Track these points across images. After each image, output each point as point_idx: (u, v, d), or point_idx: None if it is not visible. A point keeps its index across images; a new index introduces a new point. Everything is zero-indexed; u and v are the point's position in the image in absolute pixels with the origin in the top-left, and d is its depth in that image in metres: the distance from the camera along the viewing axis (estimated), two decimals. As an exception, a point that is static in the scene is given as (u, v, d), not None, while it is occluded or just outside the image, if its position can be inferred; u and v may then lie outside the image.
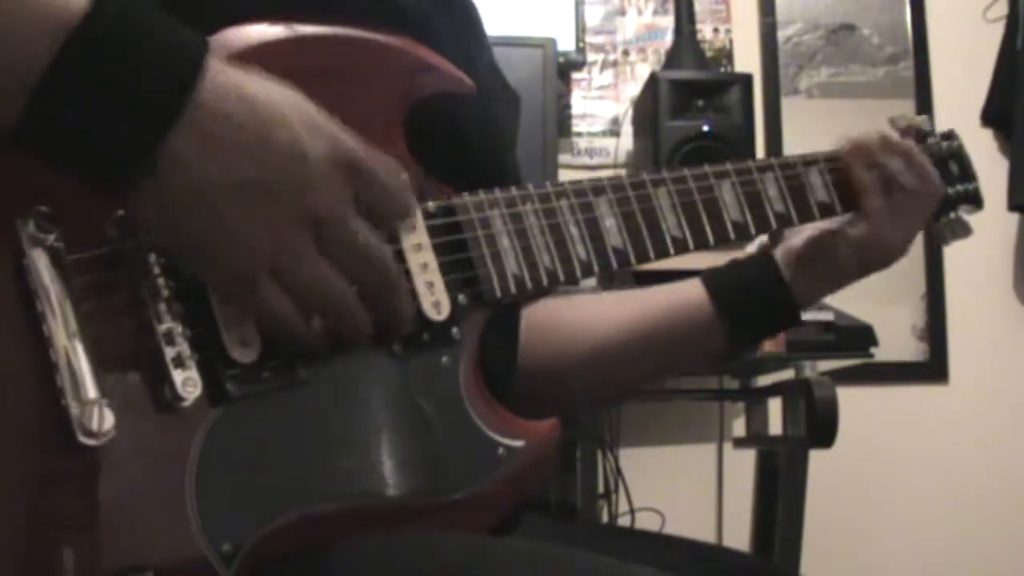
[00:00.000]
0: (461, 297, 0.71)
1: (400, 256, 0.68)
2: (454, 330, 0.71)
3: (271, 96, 0.59)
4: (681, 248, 0.82)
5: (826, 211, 0.91)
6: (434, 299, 0.70)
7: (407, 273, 0.68)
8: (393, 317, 0.66)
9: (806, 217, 0.90)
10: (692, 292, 0.94)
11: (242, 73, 0.59)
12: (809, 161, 0.91)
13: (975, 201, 1.01)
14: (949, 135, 1.01)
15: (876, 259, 0.94)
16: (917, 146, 0.98)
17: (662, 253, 0.81)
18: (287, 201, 0.58)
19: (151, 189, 0.56)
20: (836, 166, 0.92)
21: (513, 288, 0.73)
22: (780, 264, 0.94)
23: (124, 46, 0.55)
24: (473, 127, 0.83)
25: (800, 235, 0.95)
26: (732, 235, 0.85)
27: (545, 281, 0.75)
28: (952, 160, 1.00)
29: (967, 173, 1.00)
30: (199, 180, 0.56)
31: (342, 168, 0.60)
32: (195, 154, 0.56)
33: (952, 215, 1.00)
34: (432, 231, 0.71)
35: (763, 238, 0.96)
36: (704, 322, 0.94)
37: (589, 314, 0.96)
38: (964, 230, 1.00)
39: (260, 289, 0.59)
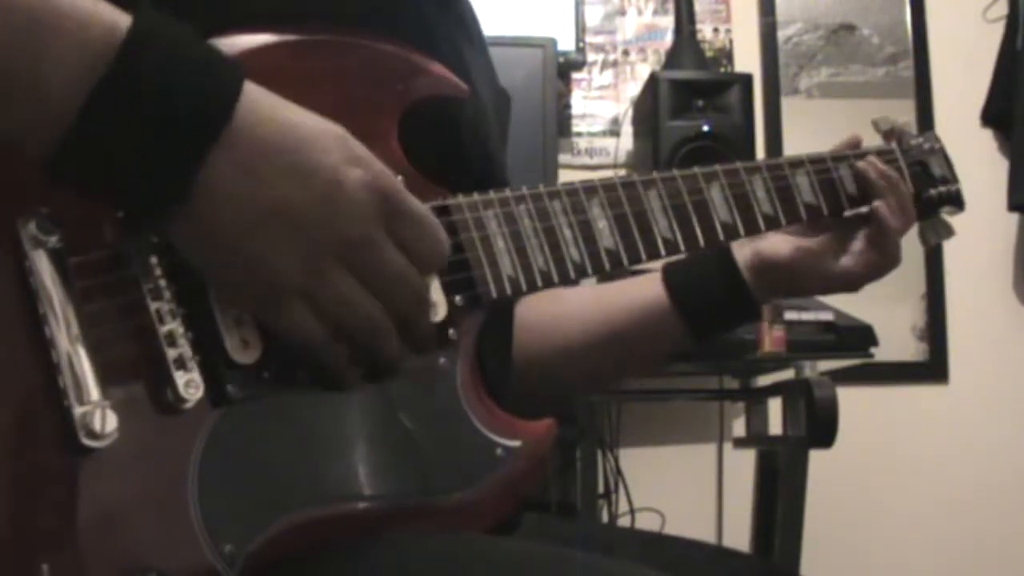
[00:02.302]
0: (458, 298, 0.72)
1: None
2: (451, 331, 0.71)
3: (309, 123, 0.59)
4: (672, 249, 0.83)
5: (813, 212, 0.92)
6: (431, 300, 0.70)
7: None
8: (419, 338, 0.66)
9: (794, 218, 0.91)
10: (652, 292, 0.96)
11: (281, 100, 0.59)
12: (795, 163, 0.92)
13: (957, 203, 1.01)
14: (930, 137, 1.02)
15: (841, 286, 0.96)
16: (898, 148, 0.99)
17: (653, 255, 0.82)
18: (319, 226, 0.58)
19: (185, 213, 0.57)
20: (822, 167, 0.93)
21: (509, 289, 0.74)
22: (740, 263, 0.95)
23: (161, 76, 0.55)
24: (467, 129, 0.83)
25: (775, 243, 0.95)
26: (721, 236, 0.86)
27: (540, 282, 0.75)
28: (934, 162, 1.00)
29: (949, 175, 1.01)
30: (232, 204, 0.57)
31: (377, 198, 0.60)
32: (230, 178, 0.56)
33: (935, 216, 1.01)
34: None
35: None
36: (665, 322, 0.95)
37: (554, 314, 0.97)
38: (947, 231, 1.01)
39: (290, 312, 0.59)
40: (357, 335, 0.62)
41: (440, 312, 0.71)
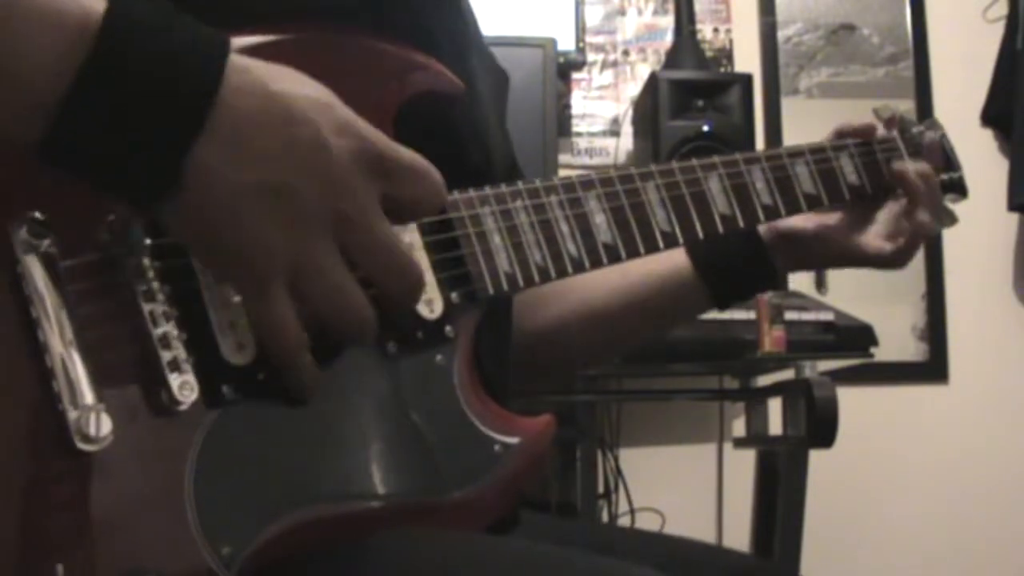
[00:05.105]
0: (454, 295, 0.72)
1: None
2: (447, 328, 0.71)
3: (297, 94, 0.58)
4: (671, 242, 0.83)
5: (813, 202, 0.92)
6: (427, 297, 0.70)
7: None
8: (403, 314, 0.65)
9: (793, 208, 0.91)
10: (677, 261, 0.97)
11: (267, 69, 0.58)
12: (795, 153, 0.92)
13: (960, 190, 1.01)
14: (932, 124, 1.02)
15: (856, 261, 0.97)
16: (900, 136, 0.99)
17: (652, 248, 0.82)
18: (311, 201, 0.57)
19: (177, 198, 0.56)
20: (823, 157, 0.93)
21: (505, 285, 0.74)
22: (764, 233, 0.97)
23: (144, 57, 0.54)
24: (465, 125, 0.83)
25: (793, 219, 0.96)
26: (720, 228, 0.86)
27: (537, 278, 0.75)
28: (936, 149, 1.00)
29: (951, 162, 1.01)
30: (224, 185, 0.56)
31: (369, 166, 0.59)
32: (219, 159, 0.55)
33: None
34: (423, 229, 0.71)
35: None
36: (688, 287, 0.97)
37: (580, 279, 0.98)
38: (950, 219, 1.01)
39: (270, 295, 0.58)
40: (339, 321, 0.60)
41: (437, 309, 0.71)
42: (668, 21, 2.68)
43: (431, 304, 0.70)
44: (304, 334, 0.60)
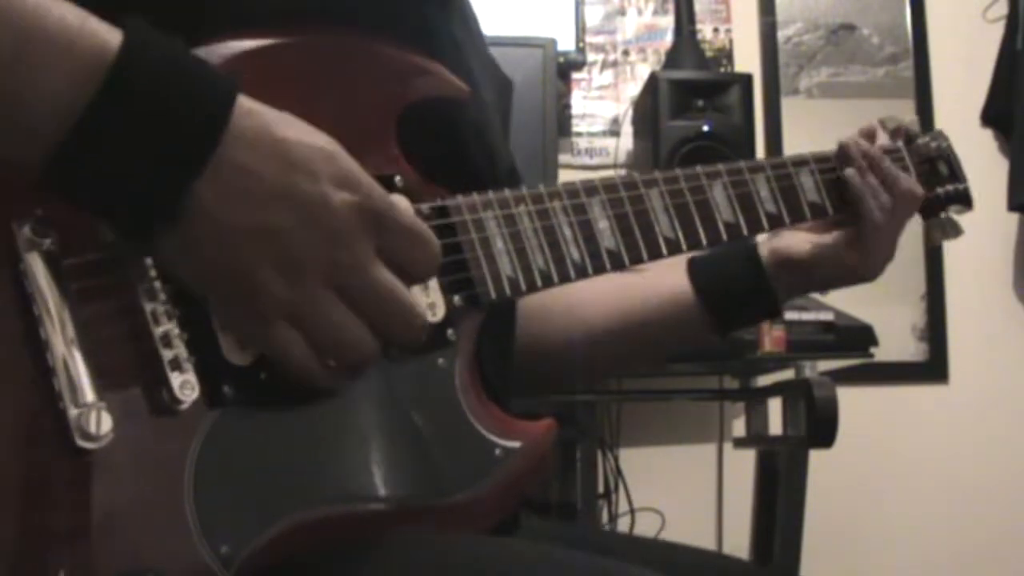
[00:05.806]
0: (456, 299, 0.72)
1: None
2: (449, 332, 0.71)
3: (301, 141, 0.59)
4: (674, 249, 0.83)
5: (817, 212, 0.92)
6: (429, 300, 0.70)
7: None
8: (406, 349, 0.66)
9: (797, 217, 0.91)
10: (679, 286, 0.96)
11: (274, 115, 0.59)
12: (800, 162, 0.92)
13: (965, 201, 1.01)
14: (938, 135, 1.01)
15: (861, 277, 0.96)
16: (905, 147, 0.99)
17: (655, 254, 0.82)
18: (306, 248, 0.58)
19: (174, 234, 0.56)
20: (827, 167, 0.93)
21: (508, 290, 0.74)
22: (765, 262, 0.96)
23: (149, 101, 0.54)
24: (468, 129, 0.83)
25: (792, 241, 0.96)
26: (724, 236, 0.86)
27: (539, 283, 0.75)
28: (941, 160, 1.00)
29: (956, 173, 1.01)
30: (221, 227, 0.56)
31: (366, 220, 0.60)
32: (219, 201, 0.56)
33: (942, 215, 1.00)
34: None
35: None
36: (690, 315, 0.96)
37: (581, 299, 0.98)
38: (954, 230, 1.00)
39: (276, 336, 0.59)
40: (342, 357, 0.61)
41: (439, 312, 0.71)
42: (668, 21, 2.68)
43: (433, 307, 0.70)
44: (315, 356, 0.61)
